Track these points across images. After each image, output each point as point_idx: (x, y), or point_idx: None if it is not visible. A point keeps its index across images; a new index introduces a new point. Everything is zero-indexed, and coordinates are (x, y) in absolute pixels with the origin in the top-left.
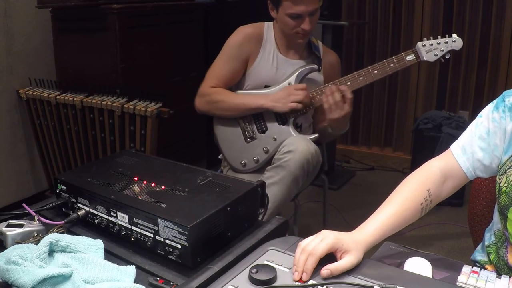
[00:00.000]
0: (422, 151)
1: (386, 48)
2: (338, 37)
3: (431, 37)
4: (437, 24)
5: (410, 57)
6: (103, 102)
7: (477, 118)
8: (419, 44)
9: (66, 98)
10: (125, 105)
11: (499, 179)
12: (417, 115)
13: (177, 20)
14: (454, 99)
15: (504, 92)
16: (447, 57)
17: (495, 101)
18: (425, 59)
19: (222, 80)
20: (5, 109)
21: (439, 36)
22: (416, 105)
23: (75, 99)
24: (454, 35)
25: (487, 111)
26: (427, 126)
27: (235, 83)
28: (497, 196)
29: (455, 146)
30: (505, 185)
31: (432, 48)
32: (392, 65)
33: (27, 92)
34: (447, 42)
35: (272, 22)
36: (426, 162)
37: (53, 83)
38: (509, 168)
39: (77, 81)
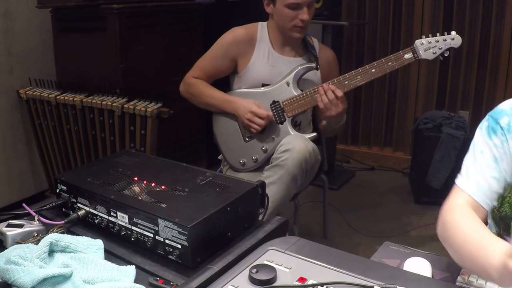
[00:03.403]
0: (422, 151)
1: (386, 48)
2: (338, 37)
3: (430, 35)
4: (437, 24)
5: (408, 55)
6: (103, 102)
7: (474, 147)
8: (417, 42)
9: (66, 98)
10: (125, 105)
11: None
12: (417, 115)
13: (177, 20)
14: (454, 99)
15: (490, 114)
16: (446, 54)
17: (485, 125)
18: (423, 57)
19: (205, 73)
20: (5, 109)
21: (438, 34)
22: (416, 105)
23: (75, 99)
24: (453, 33)
25: (483, 138)
26: (427, 126)
27: (220, 77)
28: (498, 204)
29: (468, 185)
30: (509, 195)
31: (431, 46)
32: (390, 63)
33: (27, 92)
34: (445, 40)
35: (266, 22)
36: (453, 206)
37: (53, 83)
38: None
39: (77, 81)
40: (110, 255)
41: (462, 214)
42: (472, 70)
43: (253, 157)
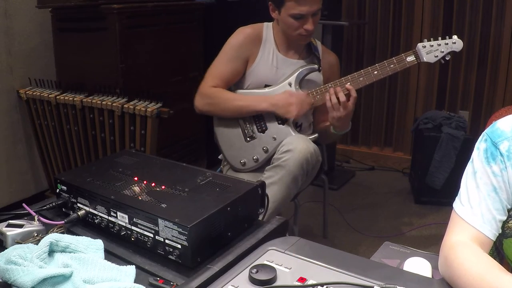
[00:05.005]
0: (422, 151)
1: (386, 48)
2: (338, 37)
3: (432, 38)
4: (437, 24)
5: (410, 58)
6: (103, 102)
7: (474, 171)
8: (420, 45)
9: (66, 98)
10: (125, 105)
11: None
12: (417, 115)
13: (177, 20)
14: (454, 99)
15: (489, 134)
16: (447, 58)
17: (483, 147)
18: (425, 60)
19: (223, 79)
20: (5, 109)
21: (440, 37)
22: (416, 105)
23: (75, 99)
24: (455, 37)
25: (481, 162)
26: (427, 126)
27: (235, 82)
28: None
29: (473, 218)
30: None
31: (433, 49)
32: (392, 65)
33: (27, 92)
34: (447, 44)
35: (271, 23)
36: (456, 242)
37: (53, 83)
38: None
39: (77, 81)
40: (110, 255)
41: (467, 252)
42: (472, 70)
43: (254, 157)
